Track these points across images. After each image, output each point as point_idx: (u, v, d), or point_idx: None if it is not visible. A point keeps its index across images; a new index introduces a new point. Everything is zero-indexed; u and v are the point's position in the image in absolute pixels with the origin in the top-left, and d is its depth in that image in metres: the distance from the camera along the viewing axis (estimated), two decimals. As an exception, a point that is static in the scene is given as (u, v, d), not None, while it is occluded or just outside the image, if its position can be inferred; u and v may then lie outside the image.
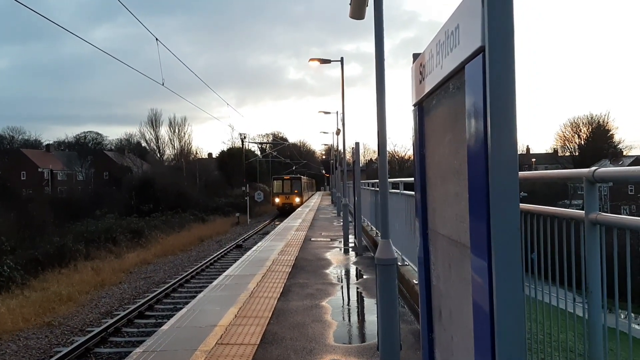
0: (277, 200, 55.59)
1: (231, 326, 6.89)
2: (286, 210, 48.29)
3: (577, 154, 78.73)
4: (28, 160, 76.47)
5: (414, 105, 4.25)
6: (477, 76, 2.46)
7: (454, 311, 3.36)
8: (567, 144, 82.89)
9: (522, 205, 3.36)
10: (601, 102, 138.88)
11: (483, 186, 2.43)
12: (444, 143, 3.46)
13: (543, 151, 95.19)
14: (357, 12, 6.12)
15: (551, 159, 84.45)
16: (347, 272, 11.32)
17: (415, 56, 4.19)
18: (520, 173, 3.03)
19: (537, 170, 77.10)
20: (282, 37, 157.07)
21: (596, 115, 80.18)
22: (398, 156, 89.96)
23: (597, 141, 76.78)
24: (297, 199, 54.16)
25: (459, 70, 2.87)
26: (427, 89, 3.72)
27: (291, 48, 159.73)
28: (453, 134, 3.18)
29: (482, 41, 2.36)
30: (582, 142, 79.58)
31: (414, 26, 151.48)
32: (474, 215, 2.67)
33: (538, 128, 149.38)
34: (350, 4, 6.15)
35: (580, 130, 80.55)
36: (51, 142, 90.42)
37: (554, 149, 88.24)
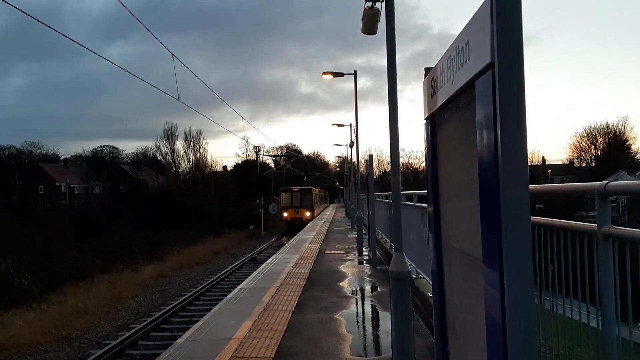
0: (285, 214, 50.34)
1: (246, 339, 6.91)
2: (296, 226, 44.30)
3: (593, 164, 77.68)
4: (46, 175, 77.47)
5: (426, 119, 4.28)
6: (487, 92, 2.49)
7: (467, 325, 3.37)
8: (584, 155, 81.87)
9: (535, 218, 3.37)
10: (618, 110, 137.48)
11: (494, 200, 2.45)
12: (455, 157, 3.49)
13: (559, 162, 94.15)
14: (369, 28, 6.19)
15: (567, 170, 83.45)
16: (362, 285, 11.30)
17: (427, 71, 4.23)
18: (532, 186, 3.04)
19: (552, 181, 76.37)
20: (292, 52, 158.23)
21: (613, 125, 78.99)
22: (412, 167, 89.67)
23: (614, 151, 75.66)
24: (308, 213, 49.04)
25: (470, 86, 2.90)
26: (438, 103, 3.76)
27: (302, 62, 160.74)
28: (465, 148, 3.21)
29: (492, 57, 2.40)
30: (599, 153, 78.51)
31: (424, 39, 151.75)
32: (486, 228, 2.69)
33: (554, 138, 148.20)
34: (362, 20, 6.23)
35: (597, 141, 79.48)
36: (68, 156, 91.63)
37: (570, 159, 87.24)
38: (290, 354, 6.32)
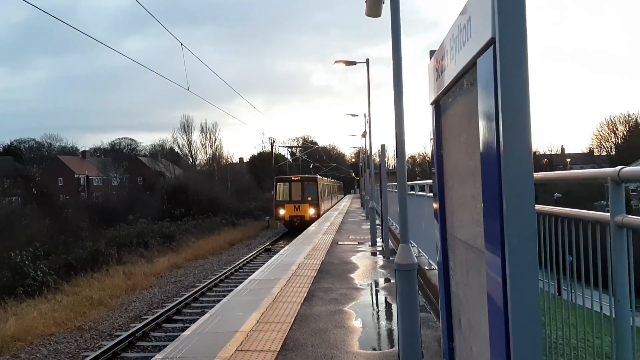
0: (281, 211, 37.85)
1: (252, 332, 6.81)
2: (295, 226, 35.33)
3: (614, 153, 76.64)
4: (65, 167, 78.27)
5: (431, 104, 4.10)
6: (489, 70, 2.32)
7: (472, 319, 3.21)
8: (604, 143, 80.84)
9: (546, 208, 3.19)
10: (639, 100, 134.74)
11: (496, 187, 2.28)
12: (460, 143, 3.30)
13: (579, 151, 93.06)
14: (374, 10, 5.98)
15: (587, 159, 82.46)
16: (373, 277, 11.15)
17: (432, 53, 4.04)
18: (539, 174, 2.86)
19: (571, 170, 75.30)
20: (307, 44, 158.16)
21: (634, 114, 78.11)
22: (428, 158, 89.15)
23: (635, 140, 74.55)
24: (312, 210, 37.37)
25: (472, 65, 2.72)
26: (443, 86, 3.57)
27: (316, 54, 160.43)
28: (468, 133, 3.03)
29: (493, 32, 2.22)
30: (619, 141, 77.45)
31: (438, 30, 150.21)
32: (489, 218, 2.53)
33: (574, 127, 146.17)
34: (366, 2, 6.02)
35: (617, 129, 78.51)
36: (87, 148, 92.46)
37: (590, 148, 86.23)
38: (296, 346, 6.20)
